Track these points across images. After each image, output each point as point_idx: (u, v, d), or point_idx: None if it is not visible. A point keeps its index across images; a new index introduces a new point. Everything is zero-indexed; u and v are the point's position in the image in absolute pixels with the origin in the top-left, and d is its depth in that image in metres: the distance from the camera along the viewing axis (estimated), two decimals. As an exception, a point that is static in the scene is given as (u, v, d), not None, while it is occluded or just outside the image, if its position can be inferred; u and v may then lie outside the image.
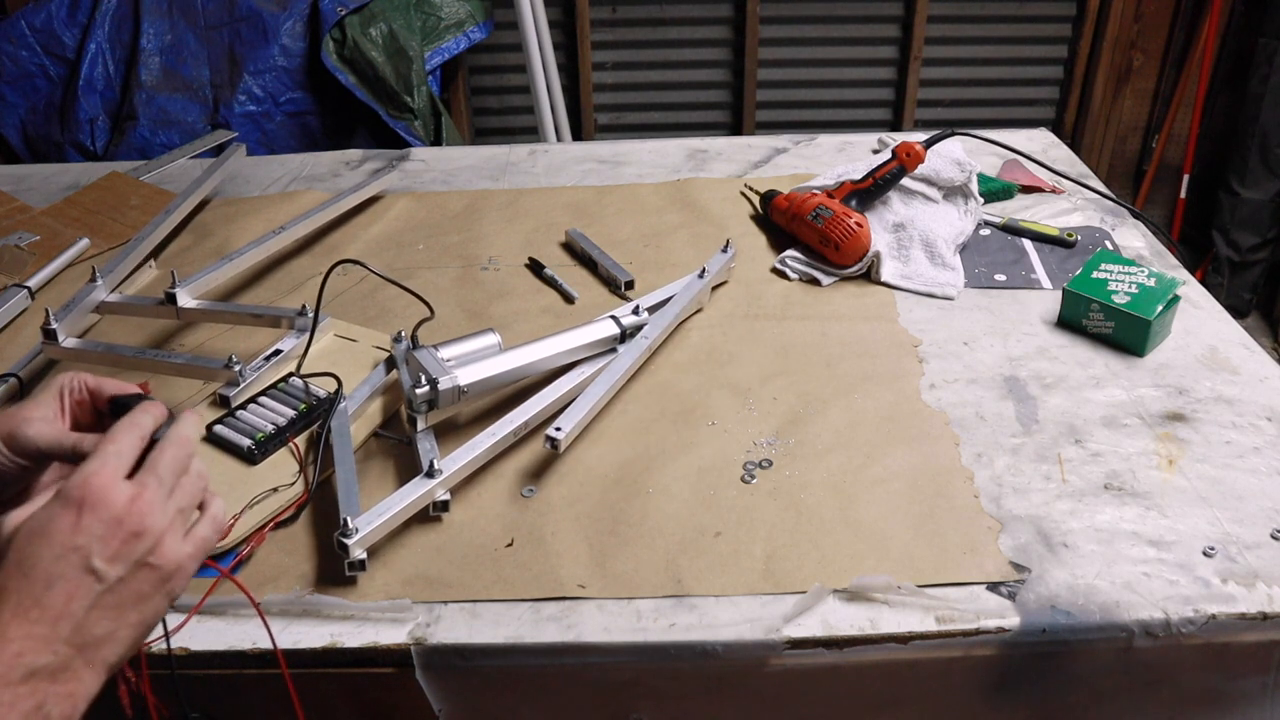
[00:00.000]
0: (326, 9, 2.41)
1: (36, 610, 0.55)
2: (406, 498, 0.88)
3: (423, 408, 0.98)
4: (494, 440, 0.96)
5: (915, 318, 1.22)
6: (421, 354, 1.00)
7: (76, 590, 0.56)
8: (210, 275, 1.21)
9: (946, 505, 0.92)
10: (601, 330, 1.09)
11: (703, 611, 0.82)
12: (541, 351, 1.05)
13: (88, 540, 0.56)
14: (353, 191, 1.48)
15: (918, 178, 1.41)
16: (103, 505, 0.57)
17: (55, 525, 0.56)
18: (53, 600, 0.55)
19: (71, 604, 0.55)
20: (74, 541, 0.56)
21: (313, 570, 0.87)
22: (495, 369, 1.01)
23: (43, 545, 0.56)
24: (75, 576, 0.56)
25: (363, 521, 0.84)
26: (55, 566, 0.56)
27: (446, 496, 0.91)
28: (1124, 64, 3.05)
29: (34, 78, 2.46)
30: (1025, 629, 0.79)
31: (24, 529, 0.57)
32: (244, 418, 1.01)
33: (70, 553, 0.56)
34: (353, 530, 0.83)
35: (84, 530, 0.56)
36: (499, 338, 1.06)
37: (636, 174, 1.62)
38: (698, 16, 3.04)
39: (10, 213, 1.52)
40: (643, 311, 1.14)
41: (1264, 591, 0.82)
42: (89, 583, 0.56)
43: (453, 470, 0.92)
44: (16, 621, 0.54)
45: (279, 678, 0.79)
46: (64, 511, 0.57)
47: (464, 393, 0.98)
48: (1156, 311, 1.11)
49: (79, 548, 0.56)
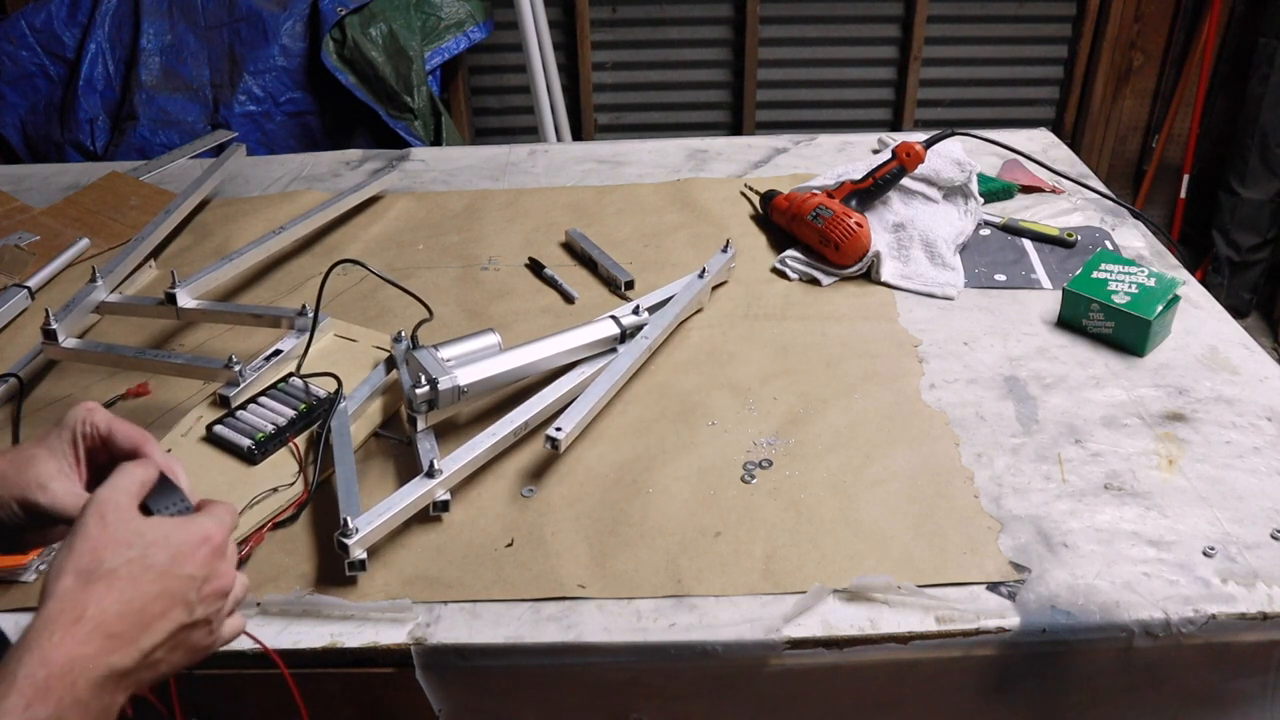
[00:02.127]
0: (326, 9, 2.40)
1: (136, 616, 0.56)
2: (406, 498, 0.88)
3: (423, 408, 0.98)
4: (494, 440, 0.96)
5: (915, 318, 1.22)
6: (421, 354, 1.00)
7: (174, 612, 0.57)
8: (210, 275, 1.21)
9: (946, 505, 0.92)
10: (601, 330, 1.09)
11: (703, 611, 0.81)
12: (541, 351, 1.05)
13: (204, 575, 0.59)
14: (353, 191, 1.48)
15: (918, 178, 1.41)
16: (220, 557, 0.60)
17: (187, 551, 0.58)
18: (154, 610, 0.56)
19: (163, 622, 0.57)
20: (195, 572, 0.58)
21: (313, 570, 0.87)
22: (495, 369, 1.01)
23: (173, 560, 0.58)
24: (180, 601, 0.58)
25: (363, 521, 0.84)
26: (173, 584, 0.57)
27: (447, 496, 0.91)
28: (1124, 64, 3.05)
29: (34, 78, 2.46)
30: (1025, 629, 0.79)
31: (154, 536, 0.58)
32: (244, 418, 1.01)
33: (187, 580, 0.58)
34: (353, 530, 0.83)
35: (204, 567, 0.59)
36: (499, 338, 1.06)
37: (636, 174, 1.62)
38: (698, 16, 3.04)
39: (10, 213, 1.52)
40: (643, 311, 1.14)
41: (1264, 591, 0.82)
42: (183, 612, 0.58)
43: (453, 470, 0.92)
44: (116, 618, 0.55)
45: (279, 678, 0.79)
46: (199, 544, 0.59)
47: (464, 393, 0.98)
48: (1156, 311, 1.11)
49: (194, 578, 0.58)
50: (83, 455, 0.67)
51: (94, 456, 0.67)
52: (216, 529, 0.61)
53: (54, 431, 0.67)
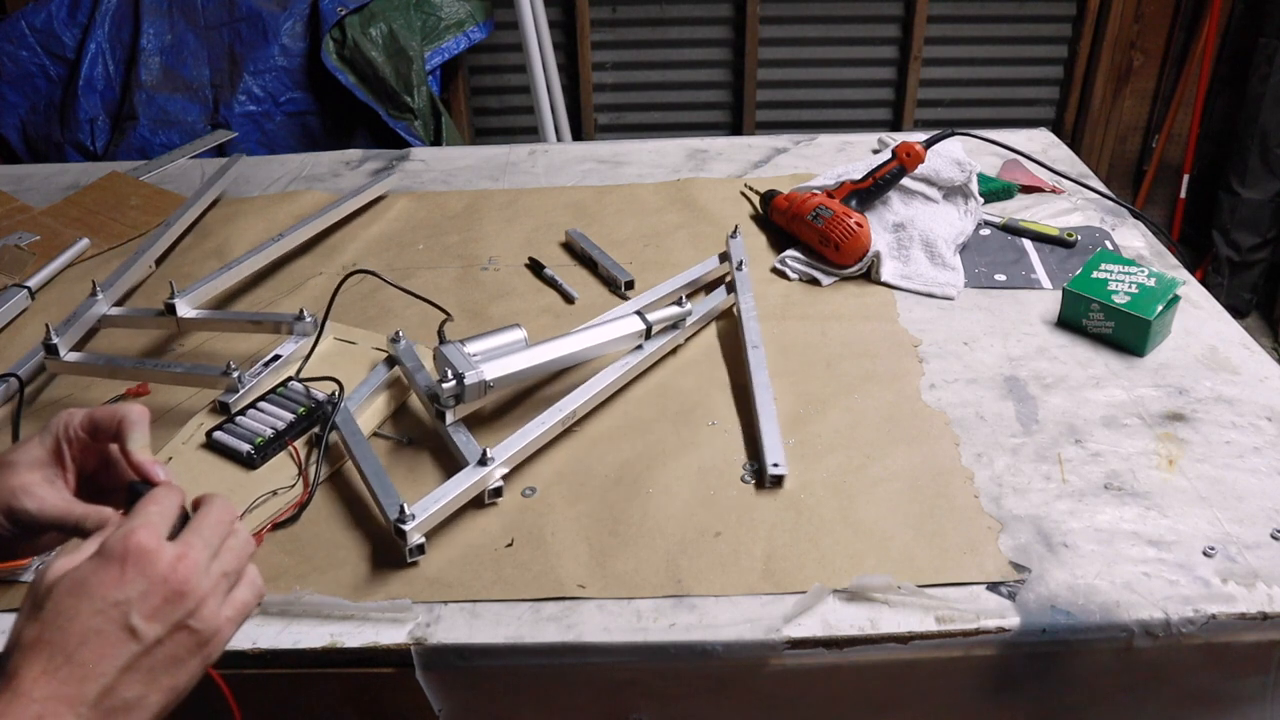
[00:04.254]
0: (326, 9, 2.41)
1: (67, 668, 0.53)
2: (460, 485, 0.90)
3: (450, 402, 0.99)
4: (544, 429, 0.98)
5: (915, 318, 1.22)
6: (448, 349, 1.01)
7: (111, 648, 0.54)
8: (209, 285, 1.22)
9: (946, 505, 0.92)
10: (627, 326, 1.10)
11: (703, 611, 0.82)
12: (567, 347, 1.05)
13: (128, 596, 0.54)
14: (355, 194, 1.48)
15: (918, 178, 1.41)
16: (146, 562, 0.55)
17: (96, 579, 0.55)
18: (85, 657, 0.53)
19: (103, 663, 0.53)
20: (115, 596, 0.54)
21: (312, 570, 0.87)
22: (521, 364, 1.02)
23: (82, 599, 0.54)
24: (113, 633, 0.54)
25: (419, 508, 0.86)
26: (93, 621, 0.54)
27: (501, 484, 0.93)
28: (1124, 64, 3.05)
29: (34, 78, 2.46)
30: (1025, 629, 0.79)
31: (64, 581, 0.55)
32: (243, 423, 1.01)
33: (110, 608, 0.54)
34: (409, 516, 0.85)
35: (126, 586, 0.55)
36: (525, 333, 1.06)
37: (636, 174, 1.62)
38: (698, 16, 3.04)
39: (10, 213, 1.52)
40: (685, 301, 1.15)
41: (1264, 591, 0.82)
42: (125, 641, 0.54)
43: (505, 458, 0.93)
44: (44, 680, 0.52)
45: (278, 679, 0.79)
46: (106, 566, 0.55)
47: (490, 387, 0.99)
48: (1156, 311, 1.11)
49: (119, 603, 0.54)
50: (70, 462, 0.66)
51: (84, 462, 0.67)
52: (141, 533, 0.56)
53: (34, 439, 0.66)
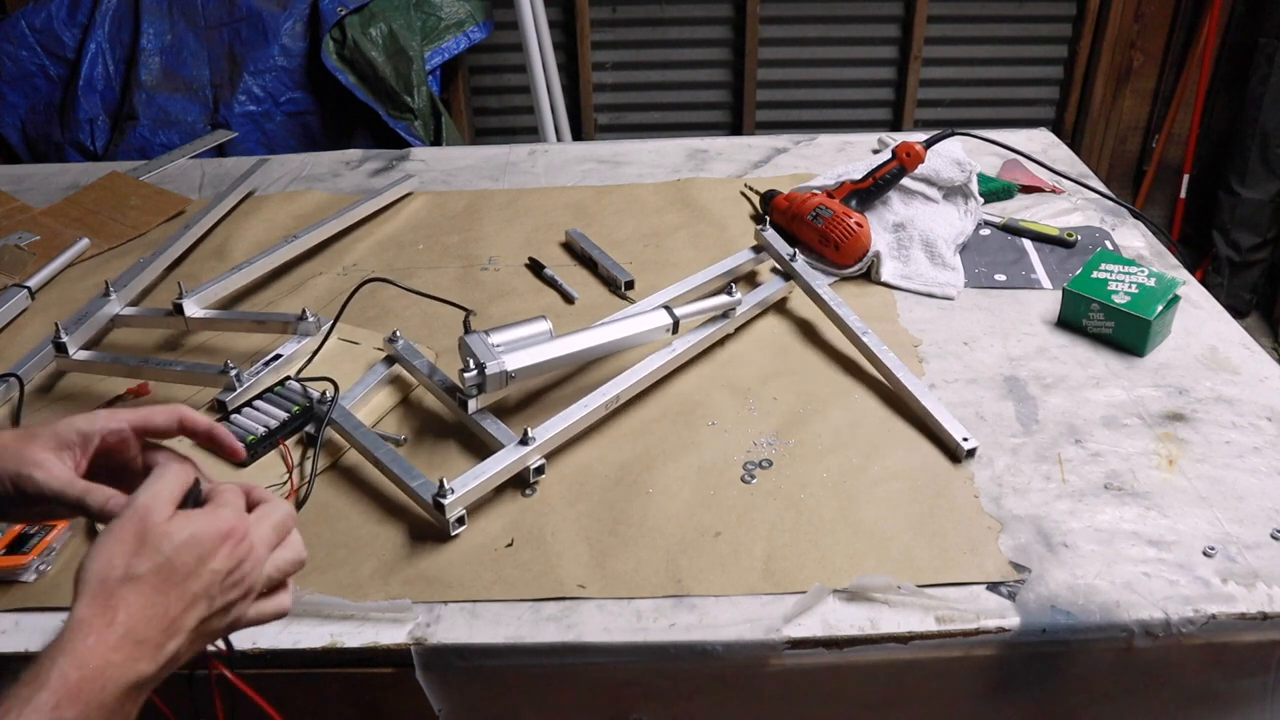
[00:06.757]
0: (326, 9, 2.40)
1: (161, 619, 0.56)
2: (501, 463, 0.92)
3: (472, 391, 0.99)
4: (586, 411, 0.99)
5: (915, 318, 1.22)
6: (472, 339, 1.02)
7: (195, 608, 0.57)
8: (217, 286, 1.24)
9: (946, 505, 0.92)
10: (653, 320, 1.10)
11: (703, 611, 0.81)
12: (592, 340, 1.06)
13: (228, 569, 0.58)
14: (371, 198, 1.48)
15: (918, 178, 1.41)
16: (240, 546, 0.59)
17: (214, 547, 0.58)
18: (176, 613, 0.56)
19: (188, 619, 0.57)
20: (220, 566, 0.58)
21: (312, 570, 0.87)
22: (543, 355, 1.02)
23: (199, 559, 0.57)
24: (204, 596, 0.57)
25: (459, 483, 0.88)
26: (196, 585, 0.57)
27: (542, 462, 0.95)
28: (1124, 64, 3.05)
29: (34, 78, 2.45)
30: (1025, 629, 0.79)
31: (184, 533, 0.58)
32: (239, 421, 1.02)
33: (212, 575, 0.58)
34: (449, 490, 0.87)
35: (228, 560, 0.59)
36: (550, 324, 1.06)
37: (636, 174, 1.62)
38: (698, 16, 3.04)
39: (10, 213, 1.52)
40: (735, 290, 1.15)
41: (1264, 591, 0.82)
42: (204, 608, 0.58)
43: (545, 439, 0.95)
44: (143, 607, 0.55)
45: (278, 679, 0.79)
46: (223, 538, 0.59)
47: (511, 378, 1.00)
48: (1156, 311, 1.11)
49: (218, 573, 0.58)
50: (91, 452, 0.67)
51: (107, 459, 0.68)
52: (236, 520, 0.60)
53: (67, 421, 0.67)
